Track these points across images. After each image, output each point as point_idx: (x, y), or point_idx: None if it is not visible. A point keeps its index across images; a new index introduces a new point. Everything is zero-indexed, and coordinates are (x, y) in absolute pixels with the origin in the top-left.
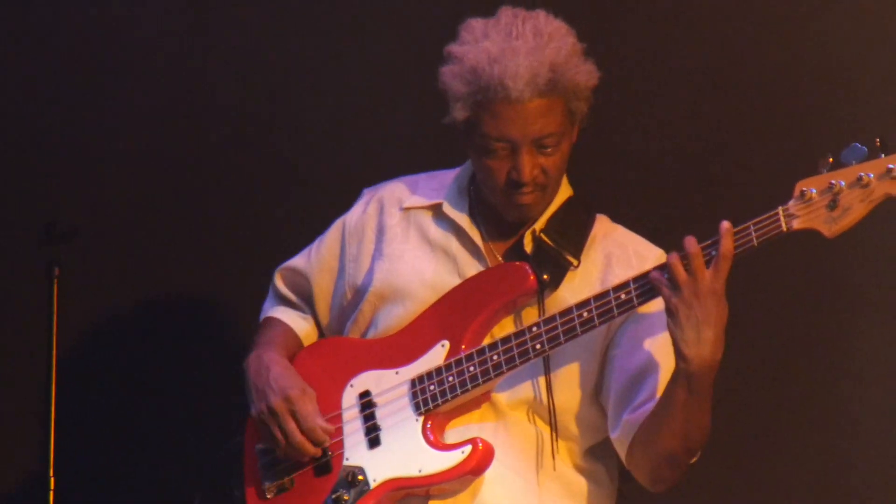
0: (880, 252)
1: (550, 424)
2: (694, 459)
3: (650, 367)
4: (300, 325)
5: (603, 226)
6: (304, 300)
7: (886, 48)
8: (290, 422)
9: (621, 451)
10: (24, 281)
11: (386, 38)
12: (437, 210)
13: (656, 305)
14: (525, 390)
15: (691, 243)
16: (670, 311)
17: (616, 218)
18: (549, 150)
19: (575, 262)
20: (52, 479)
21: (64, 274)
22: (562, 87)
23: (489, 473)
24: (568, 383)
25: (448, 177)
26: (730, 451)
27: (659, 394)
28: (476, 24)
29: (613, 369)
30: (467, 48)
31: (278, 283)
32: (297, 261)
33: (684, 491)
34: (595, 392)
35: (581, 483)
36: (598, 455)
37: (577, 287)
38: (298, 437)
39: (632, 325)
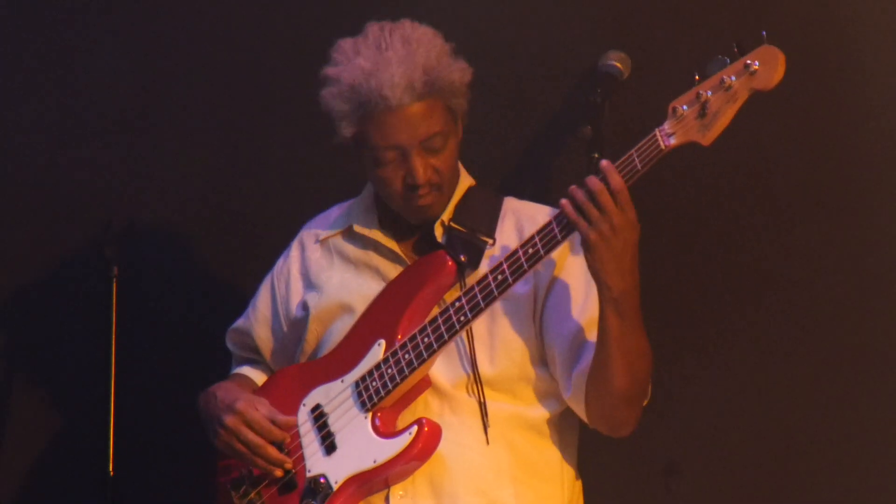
0: None
1: (478, 395)
2: (646, 400)
3: (588, 323)
4: (255, 374)
5: (511, 204)
6: (255, 352)
7: None
8: (246, 431)
9: (579, 408)
10: (83, 281)
11: None
12: (350, 232)
13: (572, 267)
14: (460, 368)
15: (594, 182)
16: (590, 246)
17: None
18: (437, 149)
19: (490, 241)
20: (112, 476)
21: (122, 273)
22: (438, 88)
23: (442, 452)
24: (506, 352)
25: (356, 200)
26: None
27: None
28: (345, 44)
29: (553, 338)
30: (342, 68)
31: (229, 344)
32: (240, 321)
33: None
34: (540, 359)
35: (538, 455)
36: (557, 426)
37: (496, 263)
38: (259, 442)
39: (556, 291)
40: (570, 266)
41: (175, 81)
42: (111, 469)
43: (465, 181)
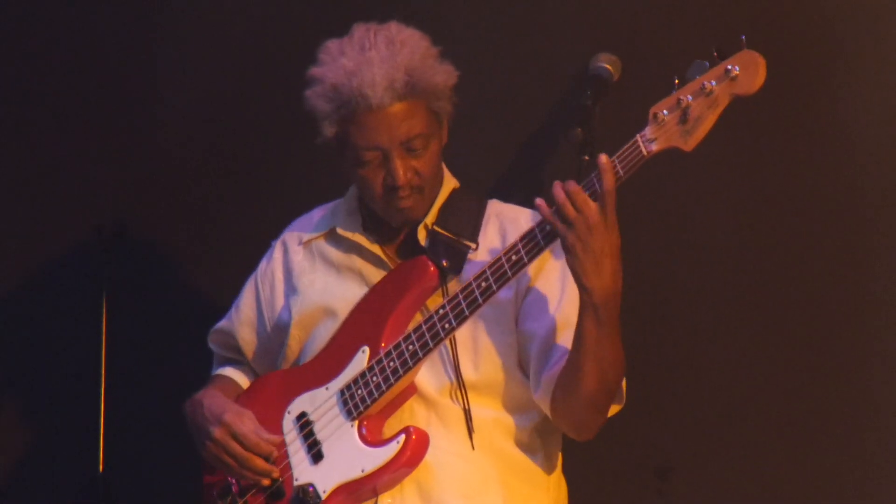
0: None
1: (463, 402)
2: (617, 407)
3: (561, 325)
4: (238, 375)
5: (495, 207)
6: (238, 353)
7: None
8: (232, 444)
9: (545, 405)
10: (74, 286)
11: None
12: (333, 235)
13: (549, 270)
14: (445, 375)
15: (570, 183)
16: (567, 247)
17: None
18: (418, 151)
19: (473, 245)
20: (101, 476)
21: (113, 277)
22: (420, 89)
23: (430, 460)
24: (490, 358)
25: (339, 202)
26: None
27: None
28: (332, 45)
29: (527, 338)
30: (326, 68)
31: (211, 344)
32: (223, 322)
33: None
34: (521, 365)
35: (524, 460)
36: (542, 430)
37: (479, 268)
38: (246, 455)
39: (533, 292)
40: (549, 269)
41: (165, 86)
42: (101, 471)
43: (450, 183)
